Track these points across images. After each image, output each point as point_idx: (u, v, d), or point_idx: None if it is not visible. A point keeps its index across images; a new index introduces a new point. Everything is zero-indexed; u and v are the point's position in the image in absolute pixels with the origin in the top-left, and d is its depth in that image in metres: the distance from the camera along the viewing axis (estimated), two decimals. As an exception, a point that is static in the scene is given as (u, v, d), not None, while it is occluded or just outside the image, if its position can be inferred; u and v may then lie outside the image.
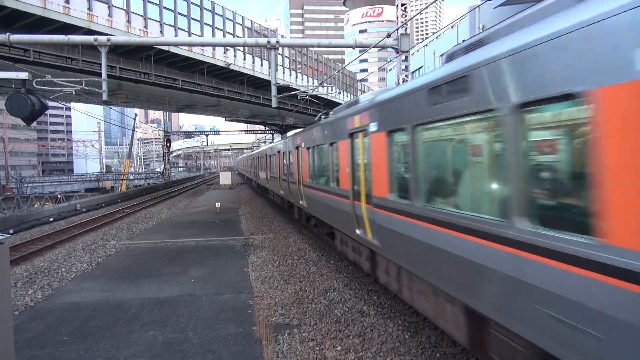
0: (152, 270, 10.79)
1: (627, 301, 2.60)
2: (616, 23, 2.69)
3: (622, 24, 2.65)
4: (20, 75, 10.84)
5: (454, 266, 4.63)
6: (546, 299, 3.24)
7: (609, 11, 2.73)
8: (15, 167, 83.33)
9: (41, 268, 11.39)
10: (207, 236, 15.40)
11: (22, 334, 6.80)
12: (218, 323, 7.09)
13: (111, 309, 7.91)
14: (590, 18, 2.87)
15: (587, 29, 2.89)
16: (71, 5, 19.33)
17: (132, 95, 31.44)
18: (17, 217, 22.10)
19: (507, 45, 3.70)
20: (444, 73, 4.72)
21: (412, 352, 6.02)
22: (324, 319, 7.30)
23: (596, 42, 2.82)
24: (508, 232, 3.65)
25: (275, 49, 12.99)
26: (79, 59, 20.74)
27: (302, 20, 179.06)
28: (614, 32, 2.71)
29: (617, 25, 2.69)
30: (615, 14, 2.69)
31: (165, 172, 61.67)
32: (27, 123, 12.06)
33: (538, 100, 3.34)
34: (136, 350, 6.16)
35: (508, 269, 3.66)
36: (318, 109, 36.62)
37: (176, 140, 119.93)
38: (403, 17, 16.40)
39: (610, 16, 2.73)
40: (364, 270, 8.82)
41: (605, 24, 2.76)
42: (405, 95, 5.83)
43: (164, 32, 24.82)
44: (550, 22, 3.30)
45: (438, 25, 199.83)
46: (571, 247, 3.00)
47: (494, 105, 3.82)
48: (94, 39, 12.43)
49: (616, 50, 2.69)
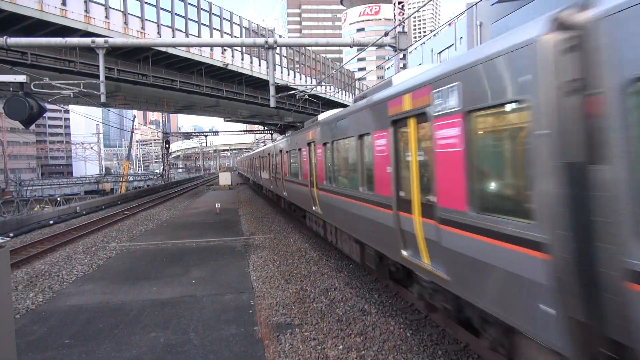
0: (153, 271, 10.79)
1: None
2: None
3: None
4: (18, 78, 10.82)
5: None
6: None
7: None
8: (15, 170, 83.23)
9: (42, 271, 11.38)
10: (207, 237, 15.39)
11: (23, 337, 6.80)
12: (219, 324, 7.09)
13: (112, 311, 7.90)
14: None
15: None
16: (68, 7, 19.29)
17: (131, 97, 31.41)
18: (17, 221, 22.08)
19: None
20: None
21: (414, 350, 6.02)
22: (326, 318, 7.30)
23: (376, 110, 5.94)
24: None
25: (273, 49, 12.98)
26: (77, 61, 20.70)
27: (300, 20, 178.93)
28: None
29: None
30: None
31: (164, 174, 61.65)
32: (25, 126, 12.06)
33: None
34: (138, 352, 6.16)
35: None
36: (317, 108, 36.65)
37: (175, 141, 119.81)
38: (400, 15, 16.40)
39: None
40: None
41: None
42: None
43: (162, 33, 24.78)
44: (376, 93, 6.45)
45: (436, 23, 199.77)
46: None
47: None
48: (92, 41, 12.40)
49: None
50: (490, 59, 3.94)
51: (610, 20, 2.88)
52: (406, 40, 13.50)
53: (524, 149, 3.57)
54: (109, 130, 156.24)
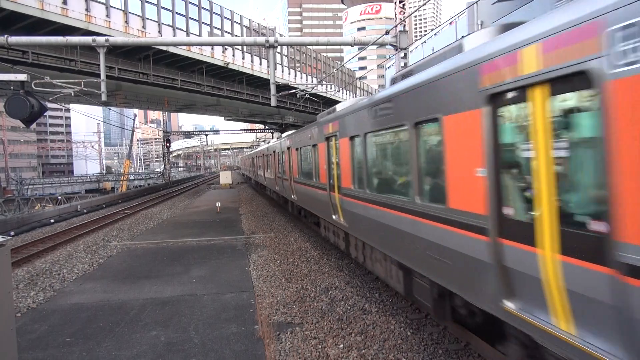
0: (154, 270, 10.79)
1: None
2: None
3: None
4: (19, 77, 10.83)
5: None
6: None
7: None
8: (16, 169, 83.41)
9: (43, 270, 11.39)
10: (208, 236, 15.40)
11: (24, 335, 6.81)
12: (220, 322, 7.10)
13: (113, 310, 7.91)
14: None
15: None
16: (69, 6, 19.29)
17: (131, 96, 31.42)
18: (18, 219, 22.12)
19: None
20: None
21: (415, 349, 6.02)
22: (326, 317, 7.30)
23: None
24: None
25: (274, 48, 12.97)
26: (78, 60, 20.70)
27: (301, 19, 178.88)
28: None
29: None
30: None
31: (165, 173, 61.68)
32: (26, 125, 12.08)
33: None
34: (139, 350, 6.17)
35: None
36: (317, 107, 36.65)
37: (176, 140, 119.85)
38: (401, 14, 16.37)
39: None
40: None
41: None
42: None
43: (162, 32, 24.77)
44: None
45: (437, 22, 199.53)
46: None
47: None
48: (92, 39, 12.41)
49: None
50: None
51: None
52: (407, 39, 13.49)
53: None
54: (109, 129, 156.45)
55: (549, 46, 3.28)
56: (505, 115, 3.90)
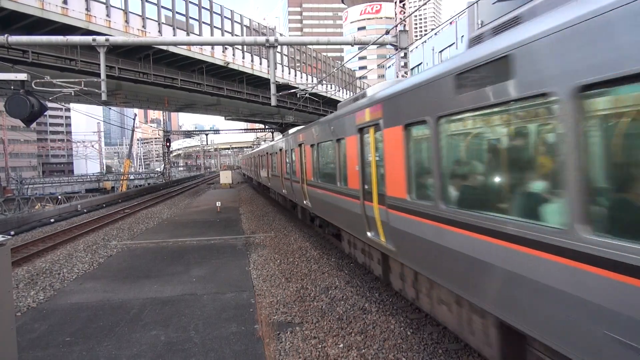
0: (154, 270, 10.80)
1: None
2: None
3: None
4: (19, 76, 10.83)
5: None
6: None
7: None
8: (16, 168, 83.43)
9: (43, 269, 11.40)
10: (208, 235, 15.40)
11: (24, 335, 6.82)
12: (220, 322, 7.10)
13: (113, 309, 7.91)
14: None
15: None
16: (69, 6, 19.31)
17: (132, 95, 31.43)
18: (18, 219, 22.12)
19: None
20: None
21: (415, 348, 6.02)
22: (326, 316, 7.31)
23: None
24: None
25: (274, 47, 12.97)
26: (78, 60, 20.72)
27: (301, 19, 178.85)
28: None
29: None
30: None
31: (165, 172, 61.70)
32: (26, 124, 12.06)
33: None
34: (139, 350, 6.17)
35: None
36: (317, 107, 36.67)
37: (176, 139, 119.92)
38: (402, 13, 16.38)
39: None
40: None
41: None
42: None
43: (162, 31, 24.79)
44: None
45: (437, 22, 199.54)
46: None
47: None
48: (92, 39, 12.40)
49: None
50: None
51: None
52: (407, 39, 13.49)
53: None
54: (110, 128, 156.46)
55: (370, 111, 7.08)
56: (364, 139, 7.67)
